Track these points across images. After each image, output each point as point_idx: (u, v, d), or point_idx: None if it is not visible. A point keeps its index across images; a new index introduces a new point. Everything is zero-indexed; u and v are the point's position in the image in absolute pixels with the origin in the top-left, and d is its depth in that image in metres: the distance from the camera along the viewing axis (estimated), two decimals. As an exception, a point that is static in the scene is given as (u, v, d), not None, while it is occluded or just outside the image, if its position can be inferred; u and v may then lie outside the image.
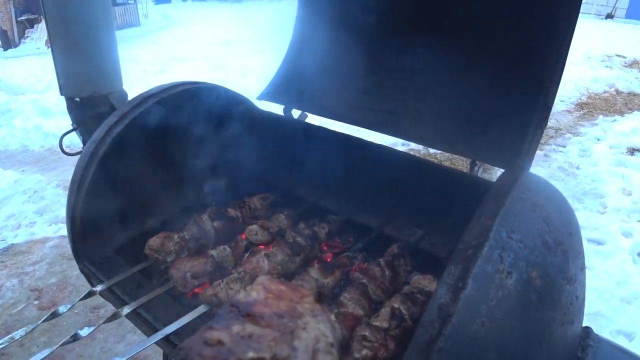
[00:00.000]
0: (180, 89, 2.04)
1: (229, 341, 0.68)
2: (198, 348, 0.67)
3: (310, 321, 0.78)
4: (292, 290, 0.82)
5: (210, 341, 0.68)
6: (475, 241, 1.04)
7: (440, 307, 0.97)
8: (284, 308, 0.76)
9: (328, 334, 0.79)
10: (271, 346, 0.69)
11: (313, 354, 0.73)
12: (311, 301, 0.83)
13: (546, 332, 1.05)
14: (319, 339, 0.76)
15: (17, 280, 4.45)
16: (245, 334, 0.69)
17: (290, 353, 0.70)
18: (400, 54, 2.13)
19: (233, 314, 0.73)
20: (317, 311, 0.82)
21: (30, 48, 16.65)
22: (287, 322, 0.74)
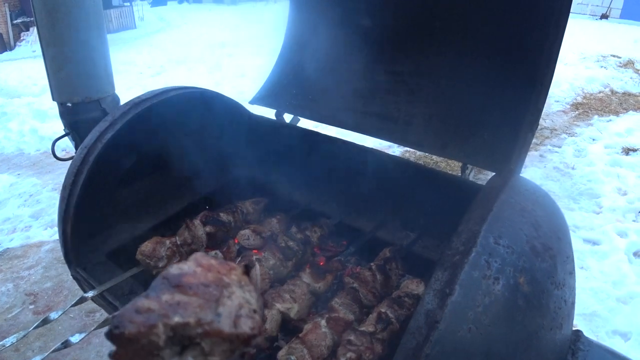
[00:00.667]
0: (172, 94, 2.04)
1: (157, 308, 0.75)
2: (130, 315, 0.74)
3: (235, 291, 0.83)
4: (222, 264, 0.88)
5: (141, 309, 0.74)
6: (462, 247, 1.04)
7: (427, 313, 0.97)
8: (212, 279, 0.83)
9: (252, 302, 0.85)
10: (196, 312, 0.76)
11: (236, 319, 0.79)
12: (239, 273, 0.89)
13: (534, 338, 1.05)
14: (243, 306, 0.82)
15: (13, 285, 4.43)
16: (174, 302, 0.76)
17: (214, 318, 0.77)
18: (392, 58, 2.13)
19: (164, 285, 0.80)
20: (244, 282, 0.88)
21: (26, 51, 16.60)
22: (213, 291, 0.80)
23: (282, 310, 1.59)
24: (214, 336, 0.77)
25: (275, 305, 1.60)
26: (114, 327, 0.74)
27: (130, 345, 0.74)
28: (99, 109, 2.62)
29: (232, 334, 0.77)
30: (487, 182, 1.36)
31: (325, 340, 1.45)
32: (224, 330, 0.77)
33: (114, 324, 0.73)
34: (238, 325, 0.79)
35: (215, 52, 13.81)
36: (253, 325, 0.80)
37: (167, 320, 0.74)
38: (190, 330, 0.76)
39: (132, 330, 0.73)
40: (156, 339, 0.74)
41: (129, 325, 0.73)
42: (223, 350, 0.78)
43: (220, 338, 0.77)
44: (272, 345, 1.61)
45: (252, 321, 0.81)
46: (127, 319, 0.74)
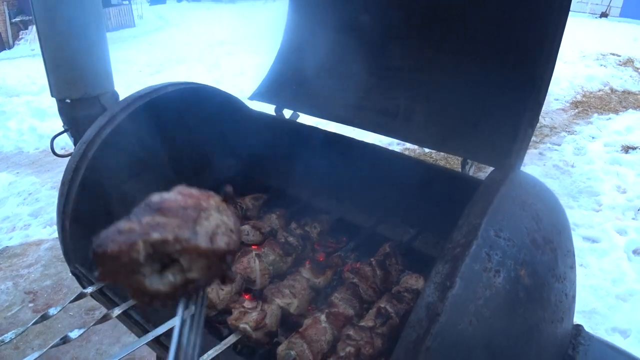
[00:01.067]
0: (171, 89, 2.03)
1: (138, 228, 0.80)
2: (112, 235, 0.79)
3: (213, 214, 0.88)
4: (201, 193, 0.93)
5: (123, 230, 0.79)
6: (463, 240, 1.03)
7: (427, 306, 0.97)
8: (191, 203, 0.87)
9: (229, 223, 0.91)
10: (175, 230, 0.80)
11: (212, 236, 0.84)
12: (217, 200, 0.94)
13: (535, 330, 1.05)
14: (220, 226, 0.87)
15: (12, 283, 4.43)
16: (154, 222, 0.81)
17: (191, 236, 0.81)
18: (392, 54, 2.13)
19: (145, 210, 0.84)
20: (222, 208, 0.93)
21: (24, 50, 16.57)
22: (191, 213, 0.85)
23: (282, 305, 1.59)
24: (192, 252, 0.81)
25: (275, 300, 1.59)
26: (97, 246, 0.78)
27: (113, 263, 0.78)
28: (98, 105, 2.61)
29: (208, 249, 0.82)
30: (487, 177, 1.36)
31: (325, 335, 1.45)
32: (201, 245, 0.81)
33: (97, 243, 0.78)
34: (214, 241, 0.84)
35: (214, 50, 13.81)
36: (229, 241, 0.87)
37: (146, 238, 0.79)
38: (168, 247, 0.80)
39: (114, 248, 0.77)
40: (136, 255, 0.78)
41: (111, 244, 0.77)
42: (200, 266, 0.84)
43: (197, 254, 0.82)
44: (272, 340, 1.61)
45: (227, 238, 0.87)
46: (110, 238, 0.78)
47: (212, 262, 0.84)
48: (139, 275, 0.81)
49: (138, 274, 0.81)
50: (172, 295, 0.85)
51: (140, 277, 0.81)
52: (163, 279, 0.83)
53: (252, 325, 1.47)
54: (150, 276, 0.82)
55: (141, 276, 0.82)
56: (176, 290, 0.84)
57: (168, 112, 2.05)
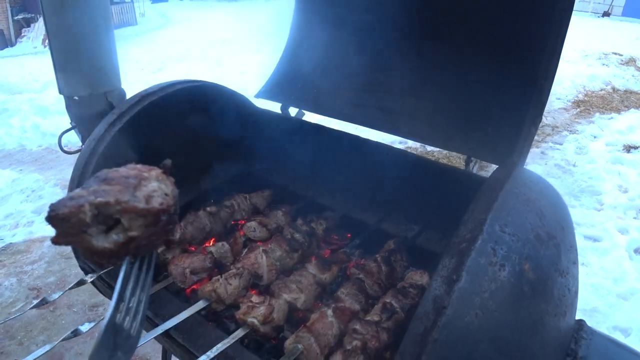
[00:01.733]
0: (178, 87, 2.06)
1: (85, 194, 0.93)
2: (63, 201, 0.92)
3: (153, 182, 1.03)
4: (144, 166, 1.08)
5: (73, 196, 0.92)
6: (469, 235, 1.06)
7: (434, 299, 0.99)
8: (133, 174, 1.01)
9: (166, 189, 1.04)
10: (116, 194, 0.94)
11: (148, 198, 0.98)
12: (158, 172, 1.08)
13: (539, 324, 1.07)
14: (156, 190, 1.01)
15: (16, 279, 4.46)
16: (100, 189, 0.94)
17: (130, 198, 0.95)
18: (397, 51, 2.15)
19: (94, 181, 0.98)
20: (162, 178, 1.07)
21: (27, 47, 16.61)
22: (132, 181, 0.99)
23: (289, 300, 1.61)
24: (130, 212, 0.95)
25: (282, 295, 1.62)
26: (51, 210, 0.91)
27: (64, 225, 0.91)
28: (106, 103, 2.63)
29: (144, 208, 0.96)
30: (491, 174, 1.38)
31: (331, 330, 1.47)
32: (138, 205, 0.95)
33: (51, 208, 0.91)
34: (150, 202, 0.98)
35: (216, 48, 13.83)
36: (162, 202, 1.00)
37: (92, 201, 0.92)
38: (110, 209, 0.93)
39: (64, 211, 0.90)
40: (84, 216, 0.91)
41: (62, 208, 0.91)
42: (139, 225, 0.96)
43: (135, 213, 0.95)
44: (279, 335, 1.63)
45: (162, 199, 1.00)
46: (61, 204, 0.91)
47: (149, 220, 0.97)
48: (87, 235, 0.94)
49: (86, 234, 0.94)
50: (117, 254, 0.97)
51: (88, 237, 0.94)
52: (108, 238, 0.95)
53: (260, 319, 1.50)
54: (97, 236, 0.95)
55: (89, 236, 0.94)
56: (120, 248, 0.97)
57: (175, 110, 2.07)
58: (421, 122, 1.97)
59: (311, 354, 1.40)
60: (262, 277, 1.76)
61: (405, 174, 2.05)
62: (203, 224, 2.00)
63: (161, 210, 0.98)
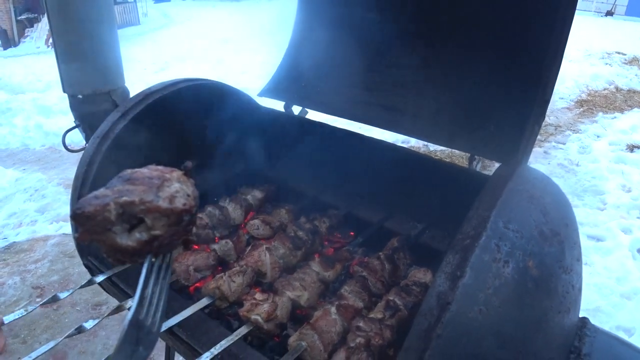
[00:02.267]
0: (182, 85, 2.06)
1: (110, 194, 0.96)
2: (89, 200, 0.95)
3: (175, 183, 1.05)
4: (165, 168, 1.10)
5: (98, 195, 0.96)
6: (473, 231, 1.06)
7: (439, 295, 0.99)
8: (155, 175, 1.04)
9: (187, 190, 1.07)
10: (140, 194, 0.97)
11: (171, 198, 1.00)
12: (179, 173, 1.10)
13: (542, 320, 1.08)
14: (179, 191, 1.03)
15: (19, 278, 4.47)
16: (124, 189, 0.97)
17: (154, 198, 0.98)
18: (400, 50, 2.15)
19: (117, 181, 1.01)
20: (183, 179, 1.09)
21: (30, 47, 16.64)
22: (155, 181, 1.01)
23: (293, 298, 1.62)
24: (154, 211, 0.97)
25: (285, 292, 1.62)
26: (77, 208, 0.94)
27: (89, 222, 0.94)
28: (109, 101, 2.64)
29: (167, 208, 0.99)
30: (495, 171, 1.38)
31: (335, 327, 1.48)
32: (162, 205, 0.98)
33: (77, 206, 0.94)
34: (173, 202, 1.00)
35: (219, 48, 13.85)
36: (185, 202, 1.03)
37: (117, 200, 0.95)
38: (135, 208, 0.96)
39: (90, 209, 0.93)
40: (109, 214, 0.94)
41: (88, 206, 0.93)
42: (162, 224, 0.99)
43: (159, 213, 0.98)
44: (282, 332, 1.64)
45: (184, 199, 1.03)
46: (87, 202, 0.95)
47: (172, 220, 1.00)
48: (112, 233, 0.96)
49: (110, 232, 0.96)
50: (139, 251, 1.00)
51: (112, 235, 0.96)
52: (132, 236, 0.98)
53: (263, 316, 1.50)
54: (121, 234, 0.97)
55: (113, 234, 0.96)
56: (143, 246, 0.99)
57: (179, 108, 2.08)
58: (425, 121, 1.97)
59: (315, 351, 1.40)
60: (266, 275, 1.76)
61: (408, 173, 2.05)
62: (206, 222, 2.00)
63: (184, 211, 1.01)
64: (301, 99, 2.39)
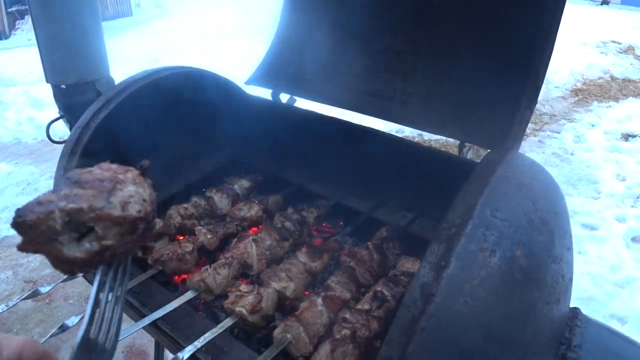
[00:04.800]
0: (166, 73, 2.02)
1: (56, 199, 0.85)
2: (31, 206, 0.83)
3: (129, 186, 0.94)
4: (119, 167, 0.98)
5: (42, 201, 0.84)
6: (458, 220, 1.02)
7: (422, 286, 0.96)
8: (107, 176, 0.93)
9: (143, 194, 0.95)
10: (90, 200, 0.86)
11: (124, 205, 0.90)
12: (135, 174, 0.98)
13: (531, 311, 1.04)
14: (133, 196, 0.92)
15: (12, 272, 4.44)
16: (71, 194, 0.86)
17: (105, 204, 0.87)
18: (389, 37, 2.11)
19: (64, 183, 0.90)
20: (139, 180, 0.98)
21: (21, 39, 16.44)
22: (107, 184, 0.90)
23: (278, 289, 1.58)
24: (105, 219, 0.86)
25: (271, 284, 1.59)
26: (17, 216, 0.82)
27: (32, 232, 0.83)
28: (94, 91, 2.59)
29: (120, 216, 0.88)
30: (483, 157, 1.35)
31: (321, 318, 1.45)
32: (113, 213, 0.87)
33: (18, 214, 0.82)
34: (126, 209, 0.89)
35: (212, 39, 13.72)
36: (140, 209, 0.91)
37: (62, 207, 0.83)
38: (83, 216, 0.85)
39: (32, 218, 0.82)
40: (54, 223, 0.83)
41: (30, 214, 0.82)
42: (114, 233, 0.88)
43: (110, 221, 0.87)
44: (269, 324, 1.61)
45: (139, 206, 0.92)
46: (29, 209, 0.83)
47: (125, 229, 0.89)
48: (58, 243, 0.85)
49: (56, 242, 0.85)
50: (90, 263, 0.89)
51: (58, 245, 0.85)
52: (80, 247, 0.87)
53: (248, 308, 1.47)
54: (68, 244, 0.86)
55: (59, 244, 0.85)
56: (93, 257, 0.88)
57: (163, 96, 2.03)
58: (414, 107, 1.94)
59: (300, 343, 1.37)
60: (252, 267, 1.73)
61: (398, 161, 2.02)
62: (192, 212, 1.97)
63: (138, 219, 0.91)
64: (289, 87, 2.35)
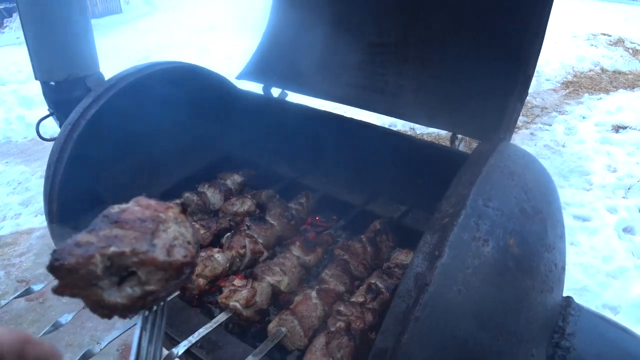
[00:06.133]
0: (156, 68, 2.00)
1: (96, 241, 0.79)
2: (69, 249, 0.78)
3: (171, 226, 0.89)
4: (159, 204, 0.93)
5: (81, 243, 0.79)
6: (451, 209, 1.03)
7: (416, 276, 0.96)
8: (149, 215, 0.88)
9: (187, 235, 0.91)
10: (132, 242, 0.81)
11: (169, 248, 0.84)
12: (176, 212, 0.94)
13: (524, 300, 1.05)
14: (177, 238, 0.87)
15: (4, 272, 4.40)
16: (111, 235, 0.81)
17: (149, 248, 0.82)
18: (380, 29, 2.10)
19: (103, 222, 0.84)
20: (181, 219, 0.93)
21: (9, 38, 16.24)
22: (149, 225, 0.85)
23: (272, 283, 1.58)
24: (149, 264, 0.81)
25: (265, 278, 1.58)
26: (54, 259, 0.77)
27: (70, 276, 0.77)
28: (84, 87, 2.56)
29: (165, 261, 0.82)
30: (475, 148, 1.35)
31: (315, 311, 1.45)
32: (158, 258, 0.82)
33: (55, 257, 0.77)
34: (171, 254, 0.84)
35: (203, 35, 13.62)
36: (186, 254, 0.86)
37: (104, 251, 0.78)
38: (126, 260, 0.80)
39: (71, 262, 0.76)
40: (94, 268, 0.78)
41: (68, 257, 0.76)
42: (158, 279, 0.83)
43: (154, 266, 0.82)
44: (264, 318, 1.61)
45: (185, 250, 0.87)
46: (67, 251, 0.77)
47: (170, 274, 0.84)
48: (97, 288, 0.80)
49: (96, 287, 0.80)
50: (130, 308, 0.84)
51: (98, 290, 0.80)
52: (121, 292, 0.82)
53: (242, 303, 1.47)
54: (108, 289, 0.81)
55: (99, 289, 0.80)
56: (135, 302, 0.83)
57: (154, 92, 2.01)
58: (406, 100, 1.93)
59: (295, 336, 1.38)
60: (245, 257, 1.72)
61: (391, 154, 2.02)
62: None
63: (185, 264, 0.86)
64: (280, 82, 2.33)
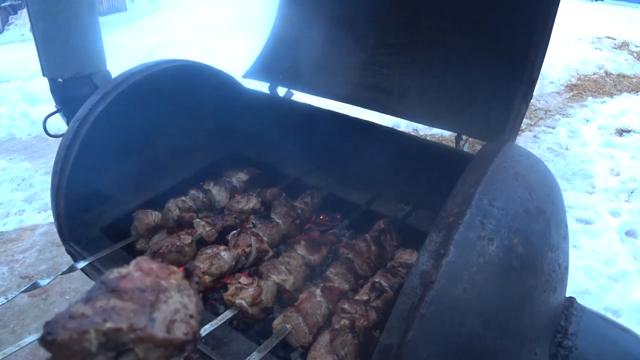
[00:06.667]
0: (163, 66, 2.01)
1: (91, 314, 0.74)
2: (63, 321, 0.73)
3: (173, 295, 0.83)
4: (162, 268, 0.87)
5: (75, 314, 0.73)
6: (457, 209, 1.04)
7: (422, 274, 0.97)
8: (149, 283, 0.82)
9: (189, 307, 0.85)
10: (130, 317, 0.75)
11: (170, 324, 0.79)
12: (179, 277, 0.88)
13: (528, 298, 1.06)
14: (179, 311, 0.82)
15: (7, 268, 4.42)
16: (108, 307, 0.75)
17: (147, 323, 0.76)
18: (387, 30, 2.11)
19: (100, 290, 0.79)
20: (184, 286, 0.87)
21: (14, 35, 16.30)
22: (149, 296, 0.80)
23: (278, 282, 1.59)
24: (147, 342, 0.76)
25: (270, 276, 1.60)
26: (47, 333, 0.73)
27: (63, 351, 0.73)
28: (91, 85, 2.58)
29: (165, 339, 0.77)
30: (481, 148, 1.36)
31: (320, 309, 1.46)
32: (157, 335, 0.76)
33: (47, 330, 0.72)
34: (172, 330, 0.78)
35: (207, 34, 13.63)
36: (187, 331, 0.80)
37: (99, 326, 0.73)
38: (123, 336, 0.75)
39: (64, 336, 0.72)
40: (88, 345, 0.73)
41: (62, 332, 0.72)
42: (157, 356, 0.78)
43: (153, 343, 0.77)
44: (268, 316, 1.62)
45: (186, 326, 0.81)
46: (61, 324, 0.73)
47: (169, 352, 0.79)
48: None
49: None
50: None
51: None
52: None
53: (248, 301, 1.48)
54: None
55: None
56: None
57: (161, 90, 2.03)
58: (411, 100, 1.94)
59: (299, 333, 1.39)
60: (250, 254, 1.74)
61: (395, 154, 2.02)
62: (190, 205, 1.97)
63: (185, 342, 0.80)
64: (286, 81, 2.35)
